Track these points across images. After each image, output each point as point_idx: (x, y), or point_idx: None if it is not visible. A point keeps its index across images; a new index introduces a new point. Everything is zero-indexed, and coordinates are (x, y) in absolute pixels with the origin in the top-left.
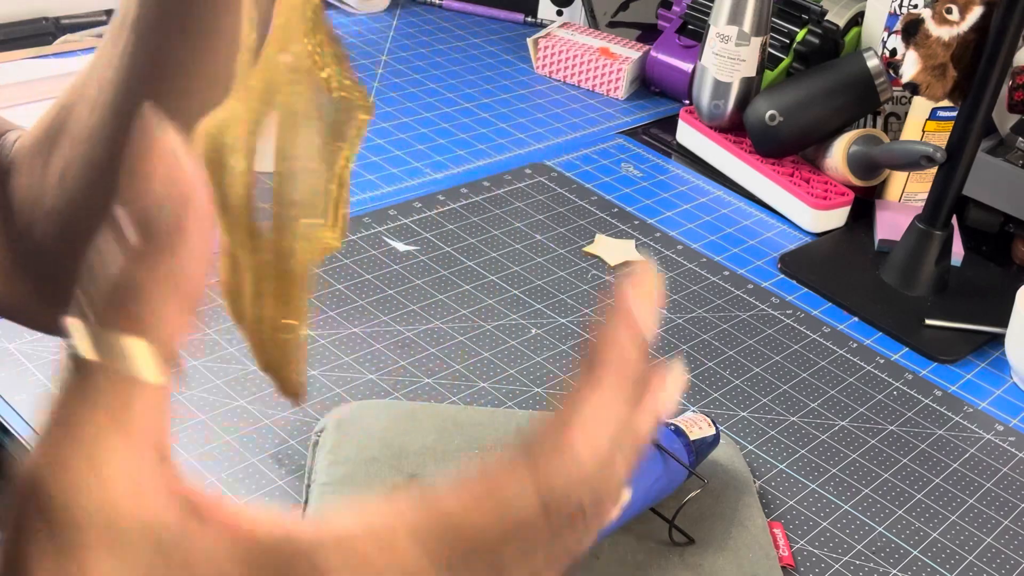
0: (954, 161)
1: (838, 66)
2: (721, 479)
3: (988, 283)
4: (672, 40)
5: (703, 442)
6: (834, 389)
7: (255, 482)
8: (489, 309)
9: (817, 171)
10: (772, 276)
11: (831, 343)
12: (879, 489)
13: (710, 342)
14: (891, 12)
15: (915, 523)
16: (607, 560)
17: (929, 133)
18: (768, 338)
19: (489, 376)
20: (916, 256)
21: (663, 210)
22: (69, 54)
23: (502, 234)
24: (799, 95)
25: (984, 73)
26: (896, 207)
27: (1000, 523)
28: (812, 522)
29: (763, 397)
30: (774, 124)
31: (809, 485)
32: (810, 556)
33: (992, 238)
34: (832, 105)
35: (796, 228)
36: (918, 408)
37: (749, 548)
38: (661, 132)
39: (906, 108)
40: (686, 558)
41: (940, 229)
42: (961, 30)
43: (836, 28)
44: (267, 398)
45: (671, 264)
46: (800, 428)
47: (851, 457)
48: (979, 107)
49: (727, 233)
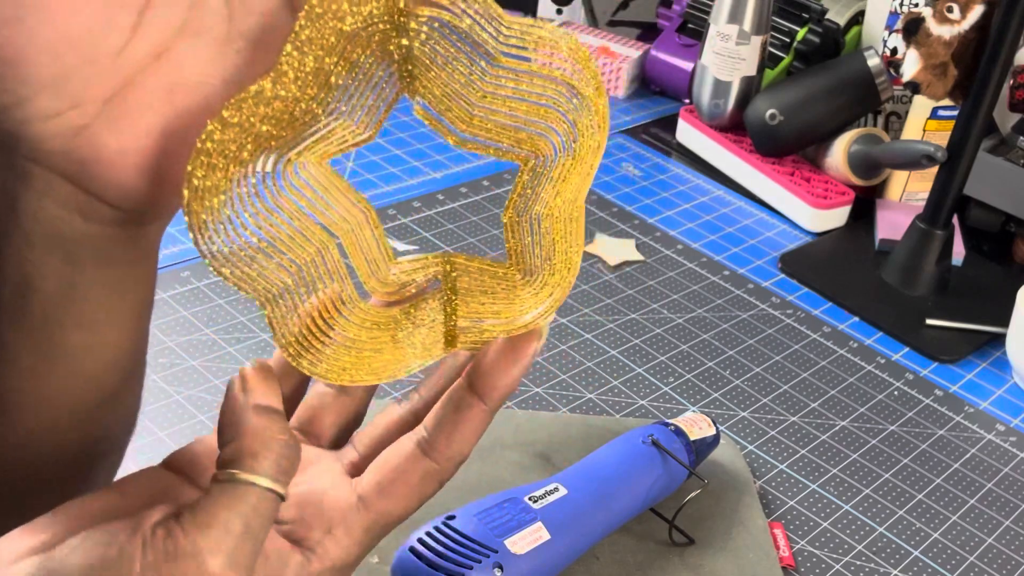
0: (955, 160)
1: (839, 65)
2: (721, 479)
3: (989, 283)
4: (672, 39)
5: (703, 442)
6: (834, 389)
7: None
8: None
9: (817, 170)
10: (772, 276)
11: (831, 343)
12: (880, 489)
13: (710, 342)
14: (892, 11)
15: (916, 523)
16: (607, 560)
17: (930, 132)
18: (768, 338)
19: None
20: (917, 256)
21: (663, 209)
22: None
23: (502, 234)
24: (799, 94)
25: (985, 72)
26: (897, 206)
27: (1001, 523)
28: (812, 522)
29: (763, 397)
30: (774, 123)
31: (809, 485)
32: (810, 556)
33: (993, 237)
34: (833, 104)
35: (796, 228)
36: (919, 408)
37: (749, 548)
38: (661, 131)
39: (907, 107)
40: (686, 558)
41: (941, 228)
42: (962, 29)
43: (837, 27)
44: None
45: (671, 264)
46: (800, 428)
47: (852, 457)
48: (980, 106)
49: (727, 233)
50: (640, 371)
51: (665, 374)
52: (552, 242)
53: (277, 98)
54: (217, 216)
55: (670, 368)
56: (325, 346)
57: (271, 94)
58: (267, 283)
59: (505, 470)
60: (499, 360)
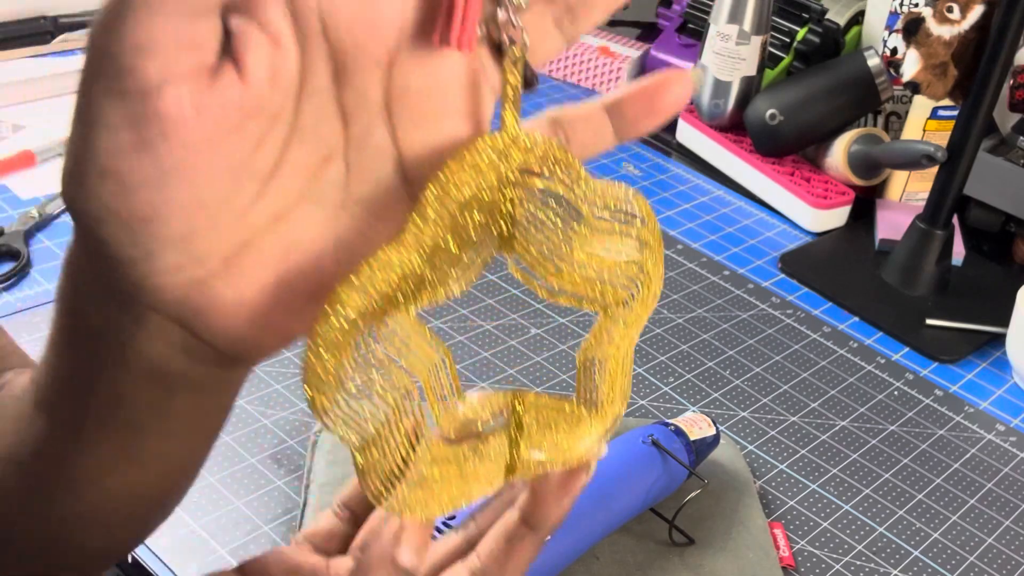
0: (955, 160)
1: (839, 65)
2: (721, 479)
3: (989, 283)
4: (672, 39)
5: (703, 442)
6: (834, 389)
7: (254, 482)
8: (489, 309)
9: (817, 170)
10: (772, 276)
11: (831, 343)
12: (880, 489)
13: (710, 342)
14: (892, 11)
15: (916, 523)
16: (607, 560)
17: (930, 132)
18: (768, 338)
19: (489, 376)
20: (917, 256)
21: (663, 209)
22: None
23: None
24: (799, 94)
25: (985, 72)
26: (897, 206)
27: (1001, 523)
28: (812, 522)
29: (763, 397)
30: (774, 123)
31: (809, 485)
32: (810, 556)
33: (993, 237)
34: (833, 104)
35: (796, 228)
36: (919, 408)
37: (749, 548)
38: (661, 131)
39: (907, 107)
40: (686, 558)
41: (941, 228)
42: (962, 29)
43: (837, 27)
44: (266, 398)
45: (671, 264)
46: (800, 428)
47: (852, 457)
48: (980, 106)
49: (727, 232)
50: (640, 371)
51: (665, 374)
52: (613, 377)
53: (399, 266)
54: (332, 376)
55: (670, 368)
56: (402, 484)
57: (396, 262)
58: (362, 430)
59: None
60: (554, 493)
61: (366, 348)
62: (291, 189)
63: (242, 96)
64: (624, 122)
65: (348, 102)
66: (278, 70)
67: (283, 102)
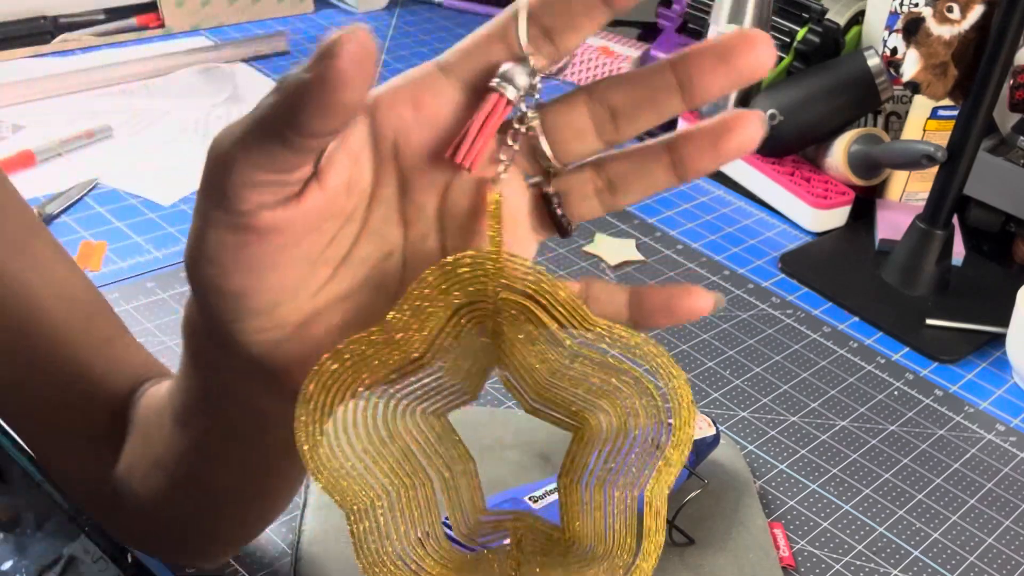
0: (955, 160)
1: (839, 65)
2: (721, 479)
3: (989, 283)
4: (672, 39)
5: (703, 442)
6: (834, 389)
7: None
8: None
9: (817, 170)
10: (772, 276)
11: (831, 343)
12: (880, 489)
13: (710, 342)
14: (892, 11)
15: (916, 523)
16: None
17: (930, 132)
18: (768, 338)
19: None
20: (917, 256)
21: (663, 209)
22: (67, 53)
23: None
24: (799, 94)
25: (985, 72)
26: (897, 206)
27: (1001, 523)
28: (812, 522)
29: (763, 397)
30: (774, 123)
31: (809, 485)
32: (810, 556)
33: (993, 237)
34: (833, 104)
35: (796, 228)
36: (919, 408)
37: (749, 548)
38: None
39: (907, 107)
40: (686, 558)
41: (941, 228)
42: (962, 29)
43: (837, 27)
44: None
45: (671, 264)
46: (800, 428)
47: (851, 457)
48: (980, 106)
49: (727, 233)
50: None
51: None
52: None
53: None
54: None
55: None
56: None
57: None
58: (355, 498)
59: (505, 470)
60: None
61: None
62: (357, 276)
63: (322, 202)
64: (680, 159)
65: (410, 212)
66: (355, 181)
67: (357, 205)
